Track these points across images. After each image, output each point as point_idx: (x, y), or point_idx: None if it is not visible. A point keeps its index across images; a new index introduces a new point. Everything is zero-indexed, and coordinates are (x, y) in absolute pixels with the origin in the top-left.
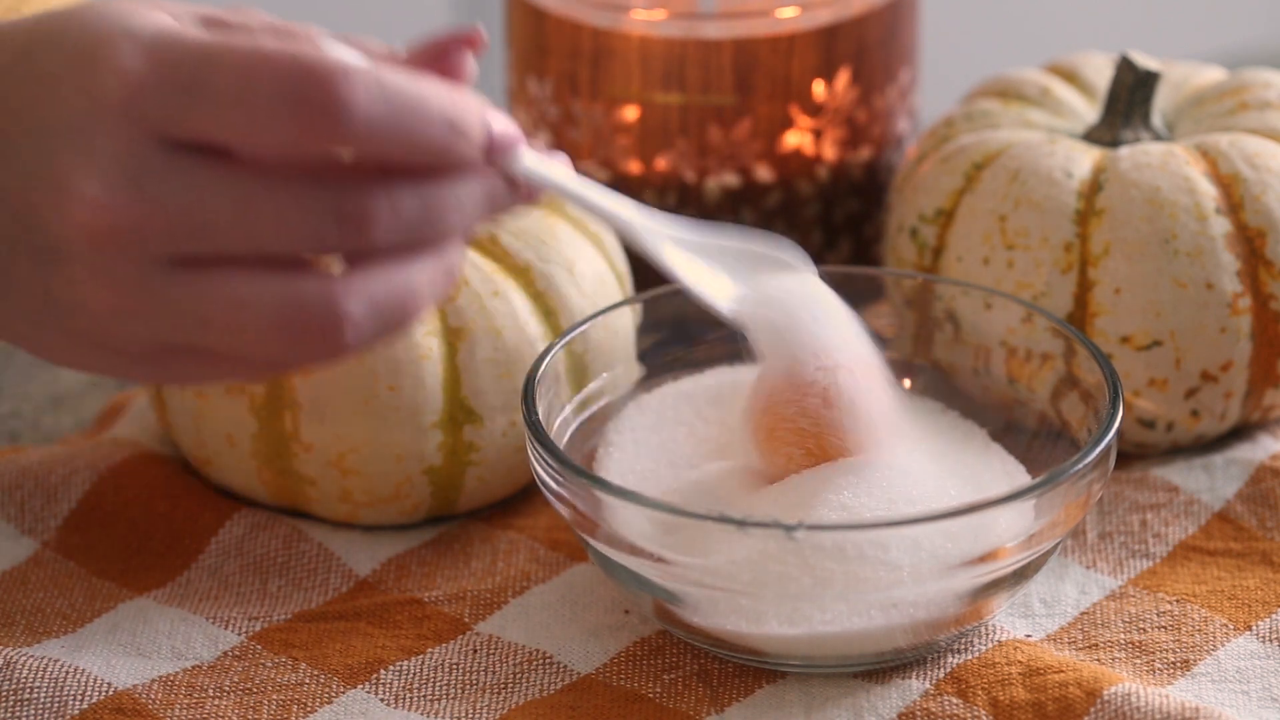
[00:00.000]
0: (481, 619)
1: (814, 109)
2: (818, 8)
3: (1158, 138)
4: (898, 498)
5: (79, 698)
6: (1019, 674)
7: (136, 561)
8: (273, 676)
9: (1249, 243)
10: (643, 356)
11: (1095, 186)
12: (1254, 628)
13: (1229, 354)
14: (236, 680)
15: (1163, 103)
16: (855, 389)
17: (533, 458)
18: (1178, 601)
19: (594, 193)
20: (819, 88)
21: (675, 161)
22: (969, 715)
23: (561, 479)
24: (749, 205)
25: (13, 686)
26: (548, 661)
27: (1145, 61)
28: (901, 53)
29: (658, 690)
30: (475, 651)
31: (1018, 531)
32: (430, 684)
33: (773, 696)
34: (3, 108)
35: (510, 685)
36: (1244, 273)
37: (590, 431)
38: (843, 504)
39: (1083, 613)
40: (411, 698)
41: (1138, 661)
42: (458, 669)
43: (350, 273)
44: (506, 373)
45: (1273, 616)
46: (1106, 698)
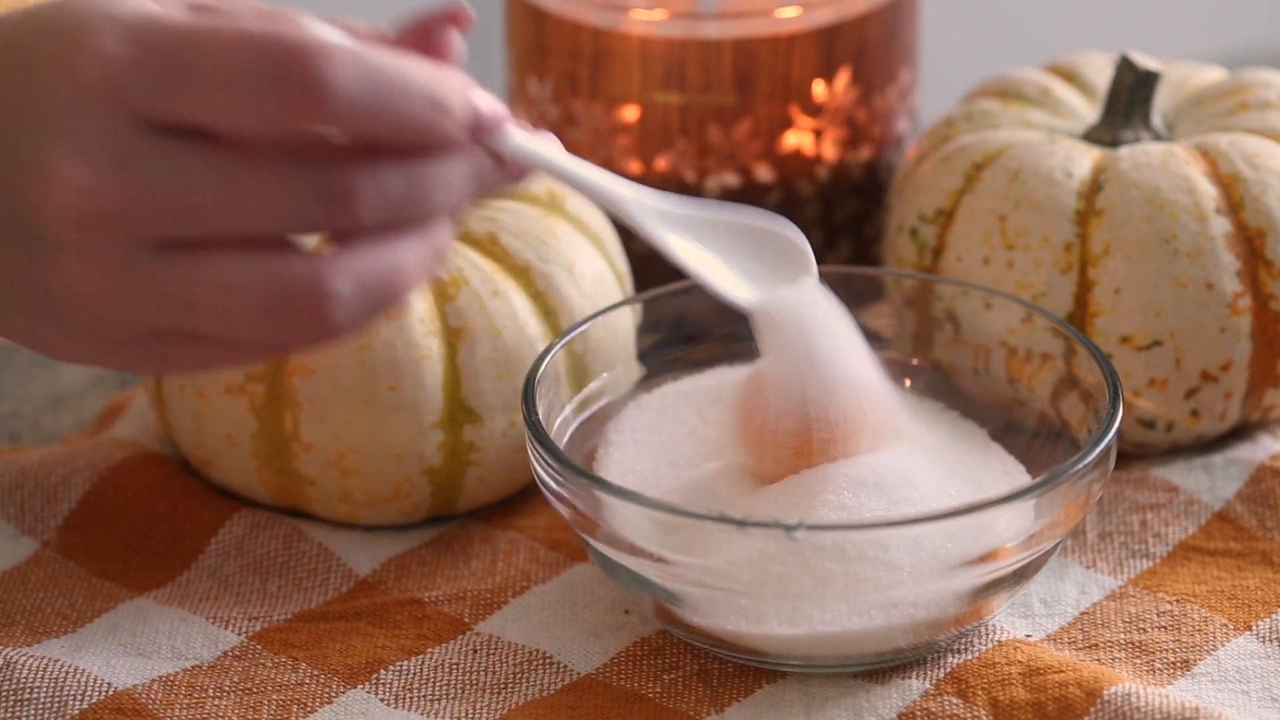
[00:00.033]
0: (481, 619)
1: (814, 109)
2: (818, 8)
3: (1158, 138)
4: (898, 498)
5: (79, 698)
6: (1019, 674)
7: (136, 561)
8: (273, 676)
9: (1249, 243)
10: (643, 356)
11: (1095, 186)
12: (1254, 628)
13: (1229, 354)
14: (236, 680)
15: (1163, 103)
16: (853, 406)
17: (533, 458)
18: (1178, 601)
19: (584, 169)
20: (819, 88)
21: (675, 161)
22: (969, 715)
23: (561, 479)
24: (749, 205)
25: (13, 686)
26: (548, 661)
27: (1145, 61)
28: (901, 53)
29: (658, 690)
30: (475, 651)
31: (1018, 531)
32: (430, 684)
33: (773, 696)
34: None
35: (510, 685)
36: (1244, 273)
37: (590, 431)
38: (843, 504)
39: (1083, 613)
40: (411, 698)
41: (1138, 661)
42: (458, 669)
43: (337, 252)
44: (506, 373)
45: (1273, 616)
46: (1106, 698)
